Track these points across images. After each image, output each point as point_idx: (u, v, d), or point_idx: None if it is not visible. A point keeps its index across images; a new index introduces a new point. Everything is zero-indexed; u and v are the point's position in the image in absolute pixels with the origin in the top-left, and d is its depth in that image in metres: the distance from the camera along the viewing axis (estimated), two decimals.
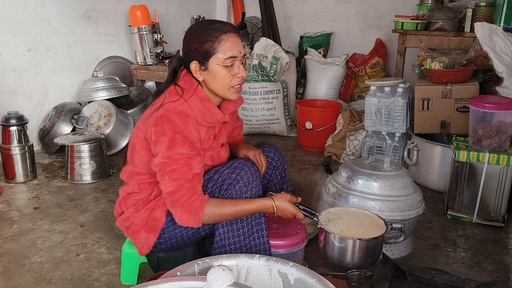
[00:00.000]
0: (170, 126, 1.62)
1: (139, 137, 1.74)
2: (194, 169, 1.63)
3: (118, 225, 1.86)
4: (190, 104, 1.68)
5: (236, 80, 1.71)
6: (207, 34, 1.68)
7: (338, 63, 4.35)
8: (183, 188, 1.60)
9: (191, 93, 1.70)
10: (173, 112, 1.64)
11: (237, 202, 1.65)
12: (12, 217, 2.57)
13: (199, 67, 1.71)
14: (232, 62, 1.68)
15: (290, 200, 1.71)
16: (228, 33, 1.68)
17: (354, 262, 1.70)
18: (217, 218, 1.65)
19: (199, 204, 1.60)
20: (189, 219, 1.60)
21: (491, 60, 2.80)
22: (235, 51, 1.68)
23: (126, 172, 1.83)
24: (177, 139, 1.61)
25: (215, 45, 1.67)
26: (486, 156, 2.41)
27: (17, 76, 3.45)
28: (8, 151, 2.99)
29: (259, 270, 1.43)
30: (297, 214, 1.71)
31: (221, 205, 1.63)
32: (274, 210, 1.67)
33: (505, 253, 2.23)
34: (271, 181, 2.01)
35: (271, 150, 2.00)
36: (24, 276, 2.01)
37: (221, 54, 1.67)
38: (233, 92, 1.73)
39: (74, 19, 3.80)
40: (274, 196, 1.70)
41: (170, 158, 1.61)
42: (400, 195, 1.98)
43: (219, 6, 5.38)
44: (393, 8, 4.36)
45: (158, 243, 1.75)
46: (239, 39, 1.72)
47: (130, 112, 3.75)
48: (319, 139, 3.66)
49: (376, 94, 3.12)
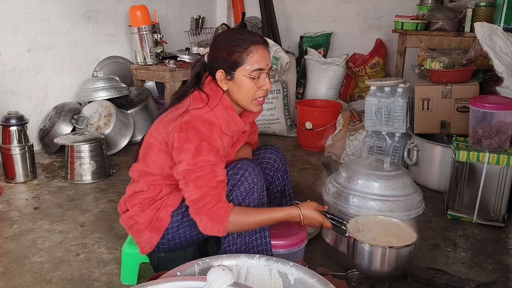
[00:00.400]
0: (195, 133, 1.60)
1: (157, 139, 1.72)
2: (219, 175, 1.61)
3: (122, 222, 1.85)
4: (216, 113, 1.67)
5: (260, 92, 1.71)
6: (236, 45, 1.67)
7: (338, 63, 4.35)
8: (208, 195, 1.58)
9: (217, 101, 1.69)
10: (198, 119, 1.62)
11: (263, 211, 1.64)
12: (12, 217, 2.57)
13: (224, 76, 1.70)
14: (258, 74, 1.68)
15: (317, 208, 1.70)
16: (257, 45, 1.68)
17: (385, 271, 1.67)
18: (242, 227, 1.63)
19: (224, 212, 1.58)
20: (214, 227, 1.58)
21: (491, 60, 2.80)
22: (263, 63, 1.68)
23: (137, 171, 1.81)
24: (203, 146, 1.59)
25: (243, 56, 1.66)
26: (486, 156, 2.41)
27: (17, 76, 3.45)
28: (8, 151, 2.99)
29: (259, 270, 1.43)
30: (324, 222, 1.70)
31: (246, 214, 1.61)
32: (300, 218, 1.66)
33: (505, 253, 2.23)
34: (273, 183, 2.01)
35: (273, 152, 2.00)
36: (24, 276, 2.01)
37: (248, 65, 1.66)
38: (256, 104, 1.73)
39: (74, 19, 3.80)
40: (301, 204, 1.69)
41: (196, 165, 1.58)
42: (400, 195, 1.98)
43: (219, 6, 5.38)
44: (393, 8, 4.36)
45: (161, 243, 1.75)
46: (267, 52, 1.72)
47: (130, 112, 3.75)
48: (319, 139, 3.66)
49: (376, 94, 3.12)
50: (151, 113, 3.92)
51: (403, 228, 1.78)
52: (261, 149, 2.02)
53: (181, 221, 1.73)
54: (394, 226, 1.79)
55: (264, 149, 2.01)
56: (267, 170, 1.99)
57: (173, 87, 3.91)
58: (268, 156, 1.98)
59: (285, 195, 2.06)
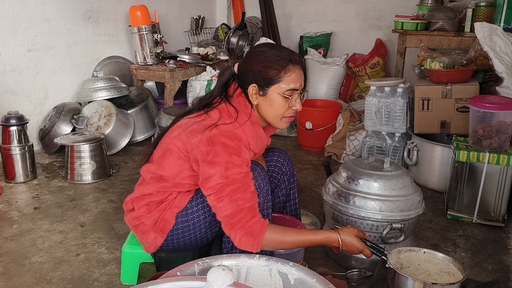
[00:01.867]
0: (224, 148, 1.56)
1: (178, 147, 1.67)
2: (251, 186, 1.58)
3: (127, 221, 1.83)
4: (245, 130, 1.64)
5: (290, 112, 1.70)
6: (275, 61, 1.65)
7: (338, 63, 4.35)
8: (243, 209, 1.55)
9: (246, 117, 1.66)
10: (227, 134, 1.58)
11: (300, 232, 1.61)
12: (12, 217, 2.57)
13: (257, 91, 1.68)
14: (292, 94, 1.67)
15: (357, 235, 1.65)
16: (295, 64, 1.67)
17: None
18: (277, 245, 1.60)
19: (259, 227, 1.55)
20: (249, 242, 1.54)
21: (491, 60, 2.80)
22: (298, 84, 1.68)
23: (150, 172, 1.76)
24: (234, 160, 1.56)
25: (280, 74, 1.64)
26: (486, 156, 2.41)
27: (17, 76, 3.45)
28: (8, 151, 2.99)
29: (259, 270, 1.43)
30: (364, 250, 1.65)
31: (283, 233, 1.58)
32: (339, 244, 1.62)
33: (505, 253, 2.23)
34: (278, 186, 2.01)
35: (280, 155, 1.99)
36: (24, 276, 2.01)
37: (284, 84, 1.65)
38: (285, 121, 1.73)
39: (74, 19, 3.80)
40: (340, 230, 1.65)
41: (229, 178, 1.54)
42: (400, 195, 1.98)
43: (219, 6, 5.38)
44: (393, 8, 4.36)
45: (165, 244, 1.74)
46: (302, 72, 1.71)
47: (130, 112, 3.75)
48: (319, 139, 3.66)
49: (376, 94, 3.12)
50: (151, 113, 3.92)
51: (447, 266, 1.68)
52: (269, 151, 2.01)
53: (185, 223, 1.72)
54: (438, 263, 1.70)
55: (271, 152, 2.00)
56: (274, 173, 1.98)
57: (173, 87, 3.91)
58: (276, 159, 1.98)
59: (289, 198, 2.06)
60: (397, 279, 1.61)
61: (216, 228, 1.72)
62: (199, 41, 4.84)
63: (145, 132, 3.84)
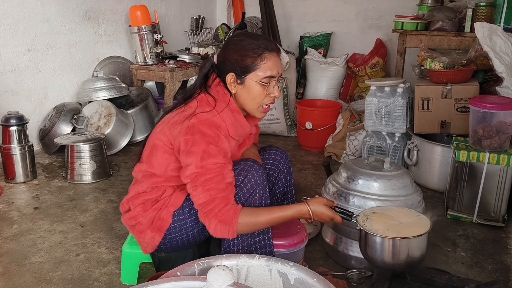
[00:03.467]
0: (202, 137, 1.59)
1: (162, 141, 1.71)
2: (227, 178, 1.60)
3: (124, 222, 1.85)
4: (223, 117, 1.66)
5: (268, 99, 1.72)
6: (251, 49, 1.67)
7: (338, 63, 4.35)
8: (216, 198, 1.58)
9: (224, 105, 1.68)
10: (205, 123, 1.61)
11: (272, 210, 1.63)
12: (12, 217, 2.57)
13: (235, 80, 1.70)
14: (269, 81, 1.68)
15: (326, 203, 1.70)
16: (271, 52, 1.69)
17: (399, 263, 1.65)
18: (252, 228, 1.62)
19: (232, 214, 1.57)
20: (223, 230, 1.57)
21: (491, 60, 2.80)
22: (275, 71, 1.69)
23: (141, 171, 1.79)
24: (210, 149, 1.58)
25: (257, 62, 1.66)
26: (486, 156, 2.41)
27: (17, 76, 3.45)
28: (8, 151, 2.99)
29: (259, 270, 1.43)
30: (335, 217, 1.69)
31: (255, 214, 1.61)
32: (310, 215, 1.66)
33: (505, 253, 2.23)
34: (276, 184, 2.01)
35: (277, 153, 2.00)
36: (24, 276, 2.01)
37: (261, 72, 1.67)
38: (261, 111, 1.74)
39: (74, 19, 3.80)
40: (309, 201, 1.69)
41: (204, 168, 1.58)
42: (400, 195, 1.98)
43: (219, 6, 5.38)
44: (393, 8, 4.36)
45: (163, 243, 1.75)
46: (279, 60, 1.73)
47: (130, 112, 3.75)
48: (319, 139, 3.66)
49: (376, 94, 3.12)
50: (151, 113, 3.92)
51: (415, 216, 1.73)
52: (266, 150, 2.02)
53: (183, 221, 1.73)
54: (405, 215, 1.76)
55: (268, 150, 2.01)
56: (271, 171, 1.99)
57: (173, 87, 3.91)
58: (273, 157, 1.98)
59: (287, 196, 2.06)
60: (367, 239, 1.66)
61: None
62: (199, 41, 4.84)
63: (145, 132, 3.84)
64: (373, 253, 1.68)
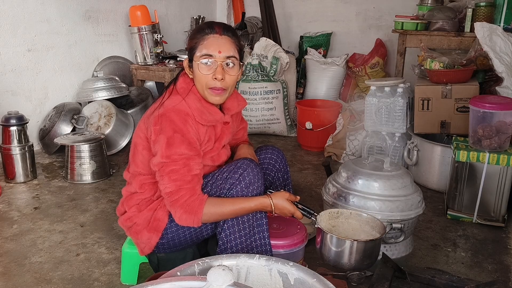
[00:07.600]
0: (169, 124, 1.62)
1: (140, 137, 1.75)
2: (193, 170, 1.62)
3: (120, 224, 1.86)
4: (188, 103, 1.69)
5: (212, 81, 1.67)
6: (194, 33, 1.72)
7: (338, 63, 4.35)
8: (182, 189, 1.61)
9: (187, 91, 1.71)
10: (172, 110, 1.64)
11: (236, 201, 1.65)
12: (12, 217, 2.57)
13: (187, 65, 1.75)
14: (206, 60, 1.67)
15: (289, 198, 1.71)
16: (212, 33, 1.68)
17: (351, 264, 1.70)
18: (217, 217, 1.65)
19: (198, 204, 1.61)
20: (189, 219, 1.61)
21: (491, 60, 2.80)
22: (212, 49, 1.66)
23: (129, 173, 1.84)
24: (175, 138, 1.61)
25: (198, 43, 1.69)
26: (486, 156, 2.41)
27: (17, 76, 3.45)
28: (8, 151, 2.99)
29: (259, 270, 1.43)
30: (295, 212, 1.72)
31: (220, 205, 1.63)
32: (272, 208, 1.68)
33: (505, 253, 2.23)
34: (273, 183, 2.01)
35: (274, 152, 2.00)
36: (24, 276, 2.01)
37: (199, 52, 1.68)
38: (209, 93, 1.69)
39: (74, 19, 3.80)
40: (273, 194, 1.70)
41: (169, 158, 1.60)
42: (400, 195, 1.98)
43: (219, 6, 5.38)
44: (393, 8, 4.36)
45: (161, 243, 1.75)
46: (225, 41, 1.68)
47: (130, 112, 3.75)
48: (319, 139, 3.66)
49: (376, 94, 3.12)
50: None
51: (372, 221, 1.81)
52: (262, 149, 2.02)
53: None
54: (364, 219, 1.83)
55: (265, 150, 2.01)
56: (268, 170, 1.99)
57: None
58: (269, 156, 1.98)
59: None
60: (324, 238, 1.71)
61: (211, 224, 1.72)
62: None
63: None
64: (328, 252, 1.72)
